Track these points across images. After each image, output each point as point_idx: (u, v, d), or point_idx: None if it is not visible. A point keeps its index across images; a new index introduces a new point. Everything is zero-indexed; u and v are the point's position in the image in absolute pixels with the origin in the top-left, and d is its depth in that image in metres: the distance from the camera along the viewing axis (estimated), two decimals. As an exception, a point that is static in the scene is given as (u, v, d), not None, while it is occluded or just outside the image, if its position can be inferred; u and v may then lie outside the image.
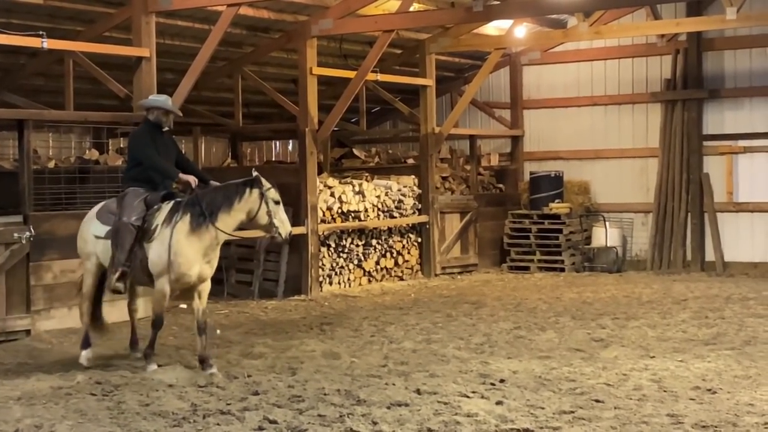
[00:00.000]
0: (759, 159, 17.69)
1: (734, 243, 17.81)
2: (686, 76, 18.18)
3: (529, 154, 19.91)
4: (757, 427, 6.78)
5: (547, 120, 19.77)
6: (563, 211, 18.34)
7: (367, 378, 8.69)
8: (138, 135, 9.70)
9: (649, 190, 18.59)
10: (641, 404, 7.58)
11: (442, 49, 17.76)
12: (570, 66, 19.53)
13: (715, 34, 17.90)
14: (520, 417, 7.18)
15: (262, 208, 9.28)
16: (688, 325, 11.54)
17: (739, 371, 8.81)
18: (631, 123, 18.96)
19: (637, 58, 18.86)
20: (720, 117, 18.06)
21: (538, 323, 11.92)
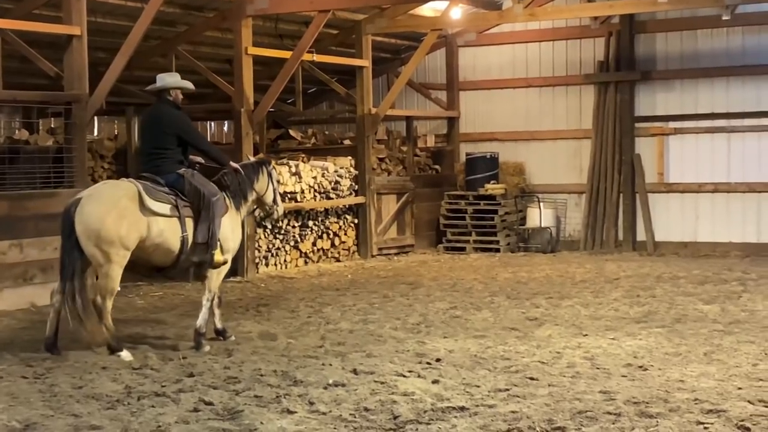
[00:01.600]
0: (689, 140, 18.00)
1: (665, 223, 18.11)
2: (619, 58, 18.41)
3: (465, 136, 20.01)
4: (687, 402, 6.91)
5: (483, 101, 19.88)
6: (498, 192, 18.48)
7: (303, 359, 8.69)
8: (179, 118, 9.57)
9: (582, 171, 18.81)
10: (574, 381, 7.68)
11: (379, 30, 17.73)
12: (505, 48, 19.65)
13: (647, 16, 18.13)
14: (456, 395, 7.24)
15: (269, 186, 10.07)
16: (620, 304, 11.72)
17: (670, 348, 8.98)
18: (565, 105, 19.15)
19: (571, 40, 19.04)
20: (652, 99, 18.32)
21: (473, 303, 12.01)
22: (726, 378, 7.72)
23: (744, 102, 17.59)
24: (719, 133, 17.74)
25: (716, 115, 17.75)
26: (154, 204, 9.01)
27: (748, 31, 17.53)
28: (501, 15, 17.76)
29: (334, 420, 6.62)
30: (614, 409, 6.76)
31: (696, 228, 17.97)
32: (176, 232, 9.14)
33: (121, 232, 8.80)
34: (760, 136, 17.44)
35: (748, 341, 9.24)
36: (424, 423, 6.50)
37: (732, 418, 6.46)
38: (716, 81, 17.78)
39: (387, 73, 20.34)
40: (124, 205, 8.87)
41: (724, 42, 17.73)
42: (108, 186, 9.43)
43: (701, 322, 10.40)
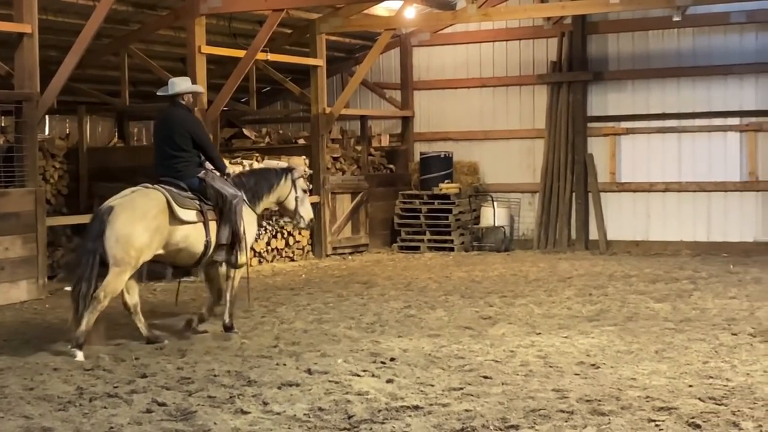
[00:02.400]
0: (640, 140, 18.19)
1: (617, 222, 18.30)
2: (571, 58, 18.55)
3: (420, 135, 20.06)
4: (639, 400, 6.98)
5: (437, 101, 19.94)
6: (453, 192, 18.54)
7: (258, 359, 8.65)
8: (195, 123, 9.84)
9: (535, 170, 18.93)
10: (528, 380, 7.73)
11: (333, 30, 17.72)
12: (459, 48, 19.72)
13: (599, 17, 18.30)
14: (410, 394, 7.25)
15: (291, 194, 10.31)
16: (573, 302, 11.82)
17: (622, 346, 9.06)
18: (519, 104, 19.26)
19: (524, 41, 19.16)
20: (604, 99, 18.49)
21: (428, 302, 12.04)
22: (677, 376, 7.80)
23: (694, 102, 17.81)
24: (670, 133, 17.96)
25: (667, 115, 17.96)
26: (183, 212, 9.36)
27: (699, 32, 17.76)
28: (455, 15, 17.82)
29: (289, 420, 6.60)
30: (567, 407, 6.81)
31: (647, 227, 18.17)
32: (201, 237, 9.52)
33: (145, 240, 9.14)
34: (710, 136, 17.68)
35: (699, 339, 9.35)
36: (378, 422, 6.51)
37: (683, 415, 6.53)
38: (667, 81, 17.99)
39: (341, 73, 20.33)
40: (154, 215, 9.19)
41: (675, 43, 17.95)
42: (140, 195, 9.40)
43: (653, 320, 10.51)
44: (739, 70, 17.46)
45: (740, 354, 8.63)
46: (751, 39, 17.44)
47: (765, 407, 6.71)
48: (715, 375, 7.79)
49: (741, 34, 17.51)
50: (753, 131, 17.38)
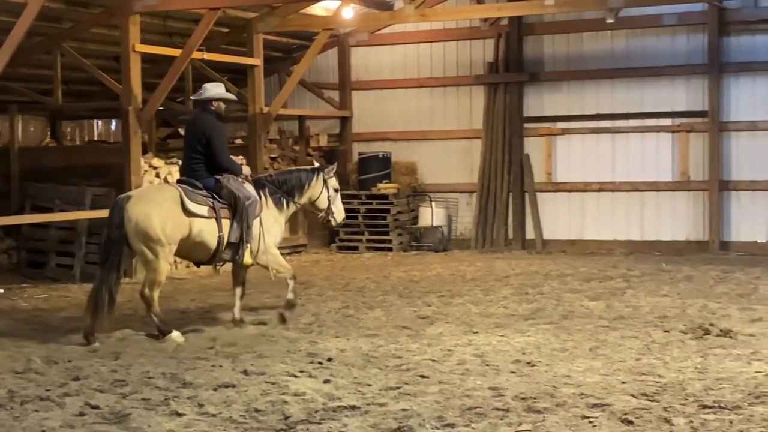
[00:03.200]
0: (575, 140, 18.39)
1: (553, 221, 18.48)
2: (508, 59, 18.69)
3: (358, 135, 20.06)
4: (573, 397, 7.06)
5: (375, 101, 19.95)
6: (391, 192, 18.58)
7: (193, 360, 8.59)
8: (216, 128, 10.18)
9: (473, 170, 19.04)
10: (465, 378, 7.77)
11: (270, 29, 17.63)
12: (397, 48, 19.76)
13: (534, 19, 18.46)
14: (347, 394, 7.25)
15: (323, 194, 10.76)
16: (510, 301, 11.91)
17: (557, 344, 9.16)
18: (456, 105, 19.35)
19: (462, 41, 19.26)
20: (540, 100, 18.66)
21: (366, 302, 12.05)
22: (610, 372, 7.90)
23: (628, 103, 18.05)
24: (604, 134, 18.18)
25: (601, 116, 18.18)
26: (193, 206, 9.80)
27: (632, 34, 18.00)
28: (392, 15, 17.85)
29: (224, 421, 6.56)
30: (503, 404, 6.86)
31: (582, 226, 18.37)
32: (213, 232, 9.93)
33: (166, 231, 9.63)
34: (643, 137, 17.94)
35: (632, 336, 9.48)
36: (315, 423, 6.50)
37: (616, 411, 6.62)
38: (601, 83, 18.21)
39: (279, 72, 20.24)
40: (169, 206, 9.71)
41: (608, 45, 18.17)
42: (154, 189, 10.30)
43: (587, 318, 10.63)
44: (671, 71, 17.74)
45: (672, 351, 8.77)
46: (683, 41, 17.72)
47: (696, 403, 6.83)
48: (648, 371, 7.91)
49: (673, 36, 17.79)
50: (684, 132, 17.66)
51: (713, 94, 17.26)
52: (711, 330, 9.54)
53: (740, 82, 17.36)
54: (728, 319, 10.27)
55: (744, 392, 7.11)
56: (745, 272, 14.14)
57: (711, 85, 17.29)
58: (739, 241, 17.30)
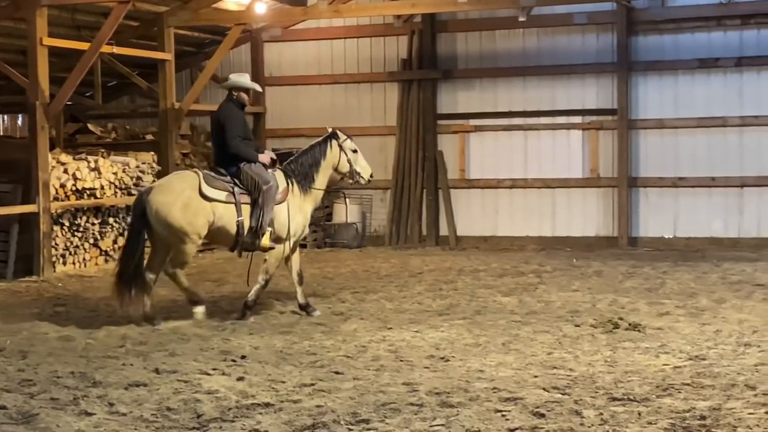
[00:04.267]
0: (488, 137, 18.55)
1: (466, 218, 18.62)
2: (421, 56, 18.77)
3: (272, 131, 19.93)
4: (486, 391, 7.12)
5: (289, 97, 19.85)
6: (304, 188, 18.46)
7: (103, 359, 8.44)
8: (231, 116, 10.48)
9: (387, 167, 19.07)
10: (379, 374, 7.78)
11: (182, 23, 17.41)
12: (311, 44, 19.69)
13: (448, 16, 18.57)
14: (261, 392, 7.20)
15: (342, 158, 10.84)
16: (424, 297, 11.96)
17: (470, 339, 9.23)
18: (370, 102, 19.36)
19: (375, 38, 19.27)
20: (453, 97, 18.78)
21: (280, 299, 11.97)
22: (523, 367, 8.00)
23: (540, 101, 18.28)
24: (516, 131, 18.38)
25: (514, 113, 18.38)
26: (210, 191, 10.15)
27: (543, 33, 18.23)
28: (305, 11, 17.77)
29: (135, 421, 6.46)
30: (417, 400, 6.89)
31: (495, 222, 18.55)
32: (232, 217, 10.24)
33: (187, 218, 10.06)
34: (554, 134, 18.18)
35: (544, 331, 9.60)
36: (228, 421, 6.43)
37: (528, 405, 6.69)
38: (514, 80, 18.40)
39: (191, 68, 20.01)
40: (188, 195, 10.12)
41: (520, 43, 18.38)
42: (175, 177, 10.65)
43: (500, 313, 10.74)
44: (582, 70, 18.01)
45: (582, 345, 8.91)
46: (593, 40, 18.01)
47: (606, 396, 6.95)
48: (559, 365, 8.02)
49: (583, 35, 18.07)
50: (594, 129, 17.96)
51: (622, 93, 17.59)
52: (620, 324, 9.72)
53: (648, 81, 17.72)
54: (637, 314, 10.47)
55: (652, 384, 7.26)
56: (653, 267, 14.44)
57: (620, 83, 17.60)
58: (647, 237, 17.67)
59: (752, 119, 17.13)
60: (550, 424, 6.24)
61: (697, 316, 10.25)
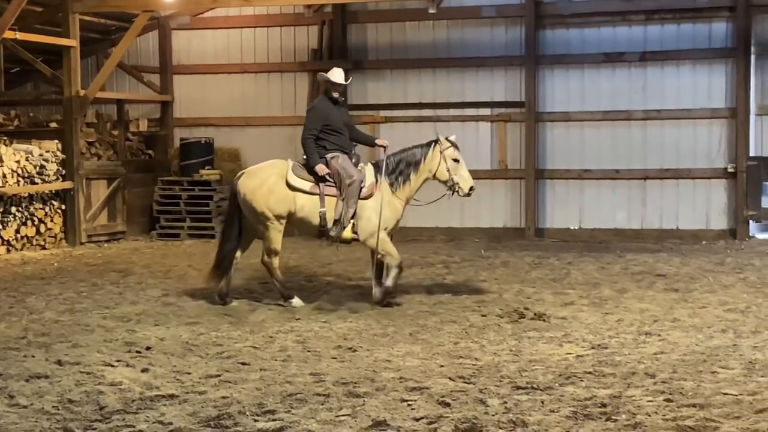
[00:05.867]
0: (398, 129, 18.60)
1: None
2: (332, 47, 18.74)
3: (180, 120, 19.71)
4: (393, 381, 7.15)
5: (198, 86, 19.64)
6: (214, 178, 18.34)
7: (4, 351, 8.25)
8: (309, 111, 10.77)
9: (297, 157, 18.70)
10: (286, 365, 7.76)
11: (87, 9, 17.10)
12: (220, 32, 19.51)
13: (358, 7, 18.58)
14: (165, 383, 7.12)
15: (441, 165, 10.72)
16: (332, 288, 11.94)
17: (378, 330, 9.26)
18: (280, 91, 19.27)
19: (286, 28, 19.17)
20: (363, 88, 18.79)
21: (187, 290, 11.86)
22: (429, 356, 8.06)
23: (449, 92, 18.41)
24: (426, 122, 18.43)
25: (424, 104, 18.48)
26: (296, 180, 10.45)
27: (453, 25, 18.36)
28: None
29: (36, 413, 6.33)
30: (323, 390, 6.89)
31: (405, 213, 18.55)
32: (315, 208, 10.45)
33: (269, 204, 10.43)
34: (463, 126, 18.30)
35: (451, 321, 9.69)
36: (131, 412, 6.35)
37: (434, 394, 6.75)
38: (424, 72, 18.50)
39: (96, 55, 19.66)
40: (274, 181, 10.50)
41: (430, 35, 18.47)
42: (267, 164, 10.92)
43: (408, 303, 10.79)
44: (491, 62, 18.19)
45: (488, 334, 9.01)
46: (501, 33, 18.20)
47: (510, 384, 7.04)
48: (465, 355, 8.10)
49: (492, 28, 18.24)
50: (503, 122, 18.16)
51: (530, 86, 17.82)
52: (526, 314, 9.86)
53: (555, 74, 17.99)
54: (542, 303, 10.64)
55: (555, 373, 7.38)
56: (559, 258, 14.68)
57: (528, 76, 17.83)
58: (553, 228, 17.95)
59: (655, 113, 17.53)
60: (455, 413, 6.30)
61: (600, 306, 10.46)
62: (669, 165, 17.52)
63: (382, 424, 6.07)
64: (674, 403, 6.49)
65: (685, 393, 6.74)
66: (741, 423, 6.03)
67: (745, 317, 9.66)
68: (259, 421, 6.17)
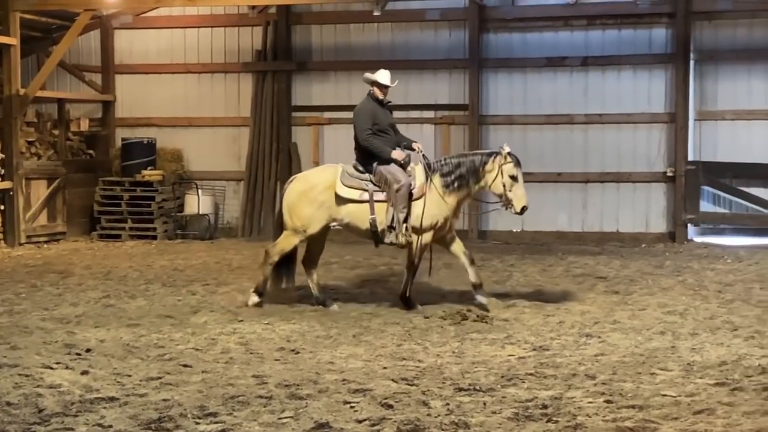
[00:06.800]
0: (342, 130, 18.55)
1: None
2: (276, 48, 18.69)
3: (122, 120, 19.51)
4: (336, 383, 7.15)
5: (141, 86, 19.46)
6: (156, 179, 18.19)
7: (-61, 354, 8.10)
8: (357, 112, 10.69)
9: (241, 158, 18.93)
10: (228, 367, 7.72)
11: (28, 7, 16.88)
12: (163, 32, 19.35)
13: (303, 8, 18.56)
14: (106, 386, 7.04)
15: (497, 179, 10.28)
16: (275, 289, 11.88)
17: (322, 332, 9.25)
18: (224, 92, 19.17)
19: (230, 28, 19.09)
20: (308, 89, 18.78)
21: (128, 291, 11.75)
22: (373, 358, 8.07)
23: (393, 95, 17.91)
24: (370, 125, 18.47)
25: (368, 107, 18.45)
26: (343, 189, 10.37)
27: (397, 28, 18.42)
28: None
29: (-28, 418, 6.22)
30: (266, 392, 6.87)
31: (349, 215, 18.58)
32: (365, 214, 10.35)
33: (309, 211, 10.43)
34: (407, 128, 18.05)
35: (394, 323, 9.71)
36: (71, 415, 6.27)
37: (377, 396, 6.75)
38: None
39: (37, 53, 19.37)
40: (321, 191, 10.43)
41: (375, 37, 18.51)
42: (317, 169, 11.12)
43: (352, 305, 10.78)
44: (434, 65, 18.28)
45: (432, 336, 9.05)
46: (445, 36, 18.30)
47: (453, 386, 7.08)
48: (408, 357, 8.13)
49: (436, 31, 18.33)
50: (446, 124, 18.26)
51: (473, 89, 17.93)
52: (468, 316, 9.91)
53: (498, 78, 18.13)
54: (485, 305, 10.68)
55: (497, 375, 7.43)
56: (501, 260, 14.78)
57: (471, 79, 17.95)
58: (496, 230, 18.06)
59: (597, 117, 17.74)
60: (398, 414, 6.31)
61: (542, 308, 10.55)
62: (610, 168, 17.74)
63: (325, 426, 6.07)
64: (614, 404, 6.57)
65: (624, 394, 6.83)
66: (679, 424, 6.12)
67: (683, 319, 9.81)
68: (200, 424, 6.13)
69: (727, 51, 17.36)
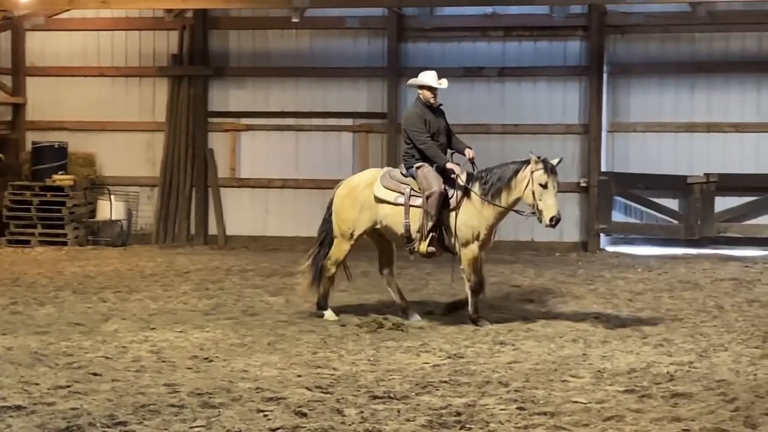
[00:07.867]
0: (260, 137, 18.50)
1: (236, 217, 18.48)
2: (193, 52, 18.49)
3: (32, 123, 19.08)
4: (250, 391, 7.09)
5: (52, 89, 19.05)
6: (67, 184, 17.84)
7: None
8: (409, 116, 10.49)
9: (155, 164, 18.67)
10: (139, 375, 7.60)
11: (-65, 6, 16.41)
12: (77, 34, 18.98)
13: (220, 13, 18.40)
14: (12, 394, 6.88)
15: (528, 187, 9.92)
16: (190, 297, 11.79)
17: (236, 340, 9.17)
18: (139, 96, 18.89)
19: (145, 32, 18.81)
20: (225, 95, 18.61)
21: (36, 298, 11.51)
22: (287, 366, 8.02)
23: (312, 102, 18.39)
24: (288, 131, 18.42)
25: (286, 113, 18.41)
26: (381, 191, 10.29)
27: (316, 35, 18.36)
28: (71, 1, 17.13)
29: None
30: (178, 401, 6.77)
31: (266, 222, 18.51)
32: (399, 218, 10.20)
33: (353, 214, 10.37)
34: (325, 135, 18.34)
35: (310, 330, 9.68)
36: (-26, 426, 6.10)
37: (291, 404, 6.71)
38: (287, 80, 18.43)
39: (-55, 53, 18.88)
40: (362, 190, 10.41)
41: (294, 43, 18.43)
42: (363, 173, 11.03)
43: (267, 313, 10.74)
44: (353, 73, 18.27)
45: (347, 344, 9.04)
46: (364, 44, 18.31)
47: (367, 394, 7.07)
48: (323, 365, 8.10)
49: (355, 38, 18.33)
50: (365, 132, 18.25)
51: (392, 97, 17.96)
52: (384, 323, 9.93)
53: (416, 87, 18.16)
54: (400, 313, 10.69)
55: (412, 383, 7.44)
56: (418, 269, 14.77)
57: (389, 88, 17.97)
58: (412, 239, 18.09)
59: (513, 127, 17.91)
60: (312, 423, 6.28)
61: (457, 316, 10.59)
62: (525, 178, 17.90)
63: (238, 435, 6.01)
64: (526, 411, 6.62)
65: (536, 401, 6.89)
66: (589, 430, 6.20)
67: (594, 327, 9.95)
68: (109, 434, 6.01)
69: (639, 64, 17.71)
